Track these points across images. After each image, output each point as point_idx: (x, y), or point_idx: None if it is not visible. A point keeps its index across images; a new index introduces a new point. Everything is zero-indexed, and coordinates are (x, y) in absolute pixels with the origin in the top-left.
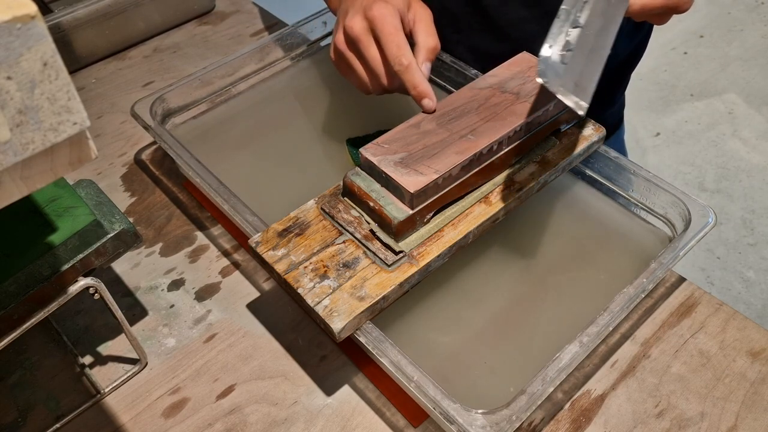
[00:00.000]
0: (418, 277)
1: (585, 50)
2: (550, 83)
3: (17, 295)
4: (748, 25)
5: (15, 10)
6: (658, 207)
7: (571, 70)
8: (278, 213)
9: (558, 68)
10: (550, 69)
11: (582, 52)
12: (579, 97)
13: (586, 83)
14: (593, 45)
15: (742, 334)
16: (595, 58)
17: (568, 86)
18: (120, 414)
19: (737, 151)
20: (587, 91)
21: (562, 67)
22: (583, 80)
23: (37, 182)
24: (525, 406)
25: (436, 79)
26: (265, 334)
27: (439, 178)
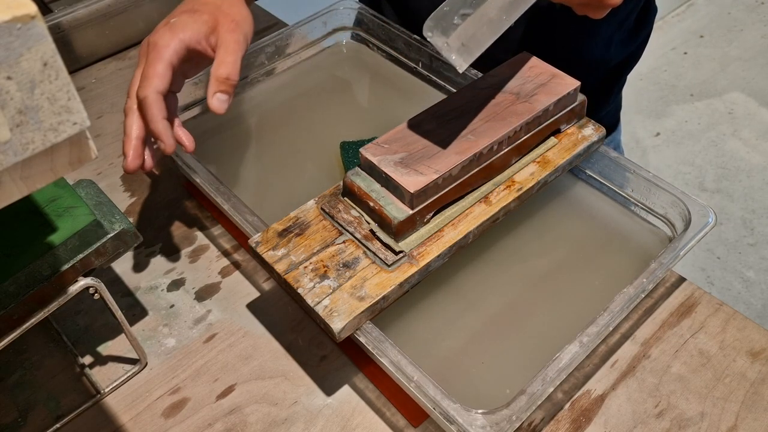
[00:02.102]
0: (418, 277)
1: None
2: (434, 38)
3: (17, 295)
4: (748, 25)
5: (15, 10)
6: (658, 207)
7: (462, 32)
8: (278, 213)
9: (447, 28)
10: (438, 26)
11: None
12: (462, 57)
13: (473, 46)
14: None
15: (742, 334)
16: (491, 28)
17: (453, 45)
18: (120, 414)
19: (737, 151)
20: (472, 53)
21: (453, 27)
22: (471, 43)
23: (37, 182)
24: (525, 406)
25: (437, 79)
26: (265, 334)
27: (439, 178)
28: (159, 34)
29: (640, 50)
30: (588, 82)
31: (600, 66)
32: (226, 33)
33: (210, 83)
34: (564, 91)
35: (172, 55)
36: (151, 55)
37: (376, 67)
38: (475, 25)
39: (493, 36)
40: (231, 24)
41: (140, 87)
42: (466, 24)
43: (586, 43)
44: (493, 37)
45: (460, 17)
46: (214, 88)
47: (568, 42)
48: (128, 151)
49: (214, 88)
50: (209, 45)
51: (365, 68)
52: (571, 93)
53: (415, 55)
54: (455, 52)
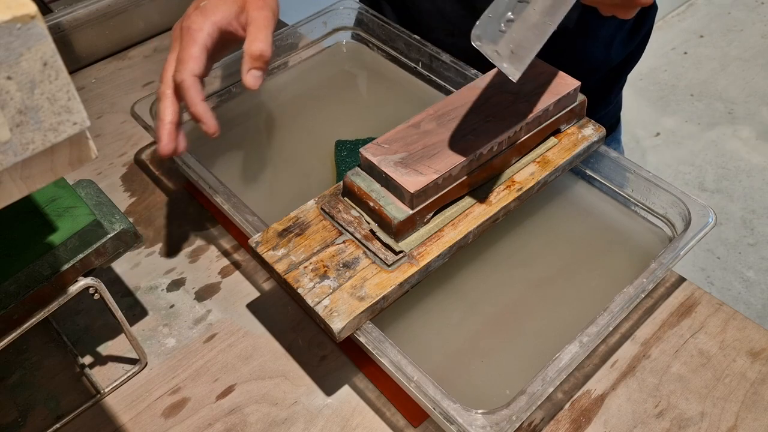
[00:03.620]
0: (418, 277)
1: (527, 24)
2: (483, 47)
3: (17, 295)
4: (748, 25)
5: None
6: (658, 207)
7: (509, 39)
8: (278, 213)
9: (494, 35)
10: (486, 34)
11: (524, 25)
12: (513, 65)
13: (523, 53)
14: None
15: (742, 334)
16: (537, 33)
17: (503, 52)
18: (120, 414)
19: (737, 151)
20: (523, 61)
21: (500, 35)
22: (520, 50)
23: (37, 182)
24: (525, 406)
25: (437, 79)
26: (265, 334)
27: (439, 178)
28: (191, 18)
29: (640, 49)
30: (588, 82)
31: (600, 66)
32: (255, 11)
33: (244, 61)
34: (564, 91)
35: (205, 38)
36: (185, 39)
37: (376, 67)
38: (520, 30)
39: (540, 41)
40: (259, 2)
41: (176, 71)
42: (512, 30)
43: (587, 44)
44: (541, 42)
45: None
46: (249, 65)
47: (568, 43)
48: (162, 136)
49: (249, 65)
50: (240, 25)
51: (365, 68)
52: (571, 93)
53: (415, 55)
54: (507, 60)
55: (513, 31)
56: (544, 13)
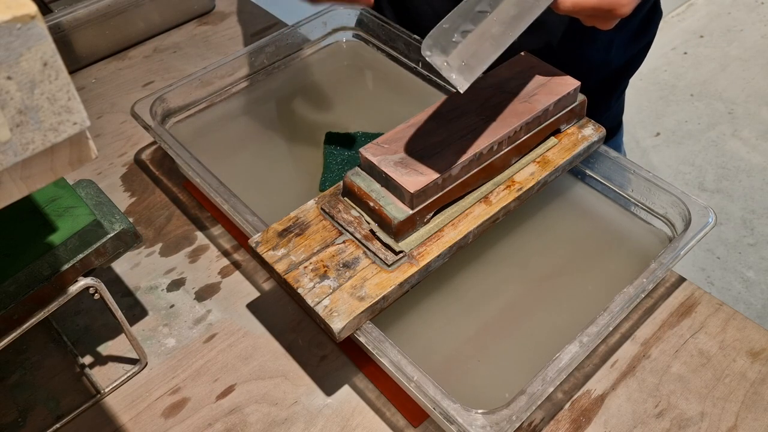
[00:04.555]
0: (418, 277)
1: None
2: (433, 57)
3: (17, 295)
4: (748, 25)
5: (15, 10)
6: (658, 207)
7: (462, 50)
8: (278, 213)
9: (447, 46)
10: (437, 45)
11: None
12: (463, 76)
13: (475, 63)
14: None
15: (742, 334)
16: (494, 44)
17: (453, 64)
18: (120, 414)
19: (737, 151)
20: (474, 71)
21: (453, 45)
22: (472, 61)
23: (37, 182)
24: (525, 406)
25: (437, 79)
26: (265, 334)
27: (439, 178)
28: None
29: (642, 54)
30: (588, 85)
31: (600, 69)
32: None
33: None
34: (564, 91)
35: None
36: None
37: (376, 67)
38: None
39: (495, 52)
40: None
41: None
42: (467, 41)
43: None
44: (496, 54)
45: (460, 34)
46: None
47: (566, 45)
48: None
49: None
50: None
51: (365, 68)
52: (571, 93)
53: (415, 55)
54: (455, 71)
55: (468, 42)
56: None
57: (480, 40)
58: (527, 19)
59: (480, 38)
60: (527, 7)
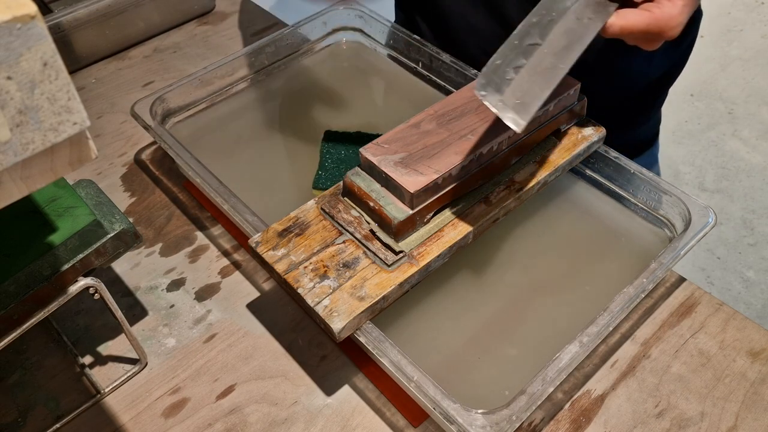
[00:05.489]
0: (418, 277)
1: (538, 69)
2: (488, 98)
3: (17, 295)
4: (748, 25)
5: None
6: (658, 207)
7: (516, 87)
8: (278, 213)
9: (500, 84)
10: (492, 83)
11: (534, 70)
12: (519, 115)
13: (530, 100)
14: (549, 64)
15: (742, 334)
16: (548, 77)
17: (508, 102)
18: (120, 414)
19: (737, 151)
20: (529, 109)
21: (506, 82)
22: (527, 97)
23: (37, 182)
24: (525, 406)
25: (436, 79)
26: (265, 334)
27: (439, 178)
28: None
29: (684, 59)
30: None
31: (639, 80)
32: None
33: None
34: (564, 91)
35: None
36: None
37: (376, 67)
38: (530, 77)
39: (549, 87)
40: None
41: None
42: (521, 77)
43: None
44: (550, 88)
45: (513, 70)
46: None
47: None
48: None
49: None
50: None
51: (365, 68)
52: (571, 93)
53: (415, 55)
54: (511, 110)
55: (521, 78)
56: (557, 56)
57: (533, 75)
58: (578, 48)
59: (533, 73)
60: (577, 37)
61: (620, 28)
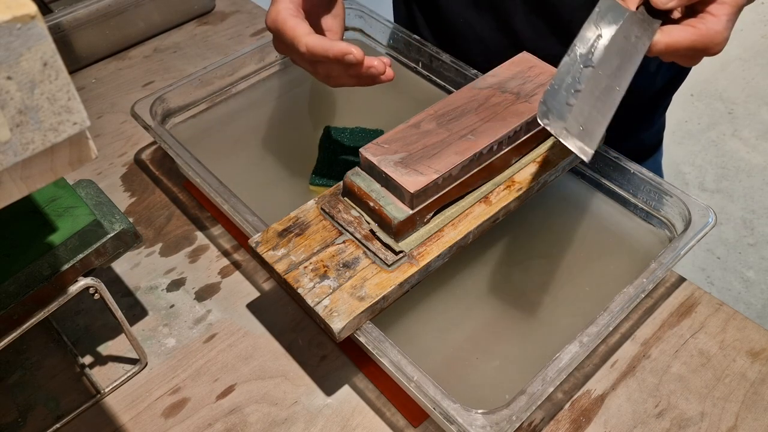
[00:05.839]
0: (418, 277)
1: (596, 91)
2: (552, 126)
3: (17, 295)
4: (748, 25)
5: (15, 10)
6: (658, 207)
7: (578, 113)
8: (278, 213)
9: (562, 110)
10: (554, 110)
11: (592, 94)
12: (584, 143)
13: (593, 127)
14: (606, 85)
15: (742, 334)
16: (607, 100)
17: (572, 130)
18: (120, 414)
19: (737, 151)
20: (594, 136)
21: (567, 108)
22: (590, 123)
23: (37, 182)
24: (525, 406)
25: (436, 79)
26: (265, 334)
27: (439, 178)
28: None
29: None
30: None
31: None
32: None
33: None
34: None
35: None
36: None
37: None
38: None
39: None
40: None
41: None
42: (581, 102)
43: None
44: (611, 113)
45: (572, 95)
46: None
47: None
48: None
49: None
50: None
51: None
52: None
53: (415, 55)
54: (577, 139)
55: (581, 103)
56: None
57: (592, 99)
58: (631, 69)
59: (591, 96)
60: (628, 56)
61: (665, 46)
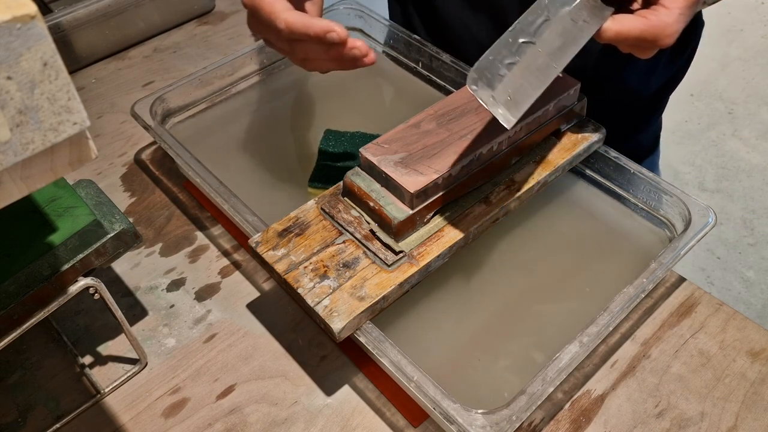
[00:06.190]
0: (418, 277)
1: (531, 67)
2: (479, 93)
3: (17, 295)
4: (748, 25)
5: (15, 10)
6: (658, 207)
7: (508, 84)
8: (278, 213)
9: (492, 79)
10: (483, 78)
11: (527, 68)
12: (509, 111)
13: (521, 98)
14: (542, 63)
15: (742, 334)
16: (540, 76)
17: (499, 98)
18: (120, 414)
19: (737, 151)
20: (520, 107)
21: (498, 78)
22: (518, 95)
23: (37, 182)
24: (525, 406)
25: (437, 79)
26: (265, 334)
27: (439, 178)
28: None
29: (685, 68)
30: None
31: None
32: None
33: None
34: (564, 91)
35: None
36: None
37: (376, 67)
38: (522, 74)
39: (541, 86)
40: None
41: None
42: (512, 74)
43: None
44: (541, 88)
45: (506, 67)
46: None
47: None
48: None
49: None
50: None
51: (365, 68)
52: (571, 93)
53: (415, 55)
54: (502, 106)
55: (513, 75)
56: (550, 55)
57: (525, 73)
58: (572, 49)
59: (525, 71)
60: (571, 38)
61: (615, 33)
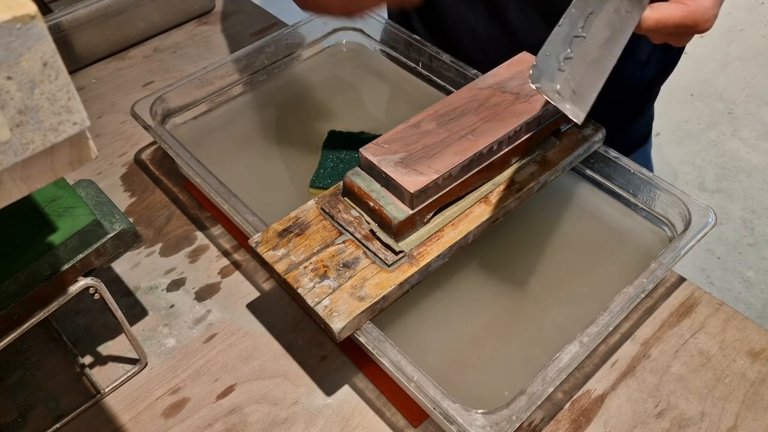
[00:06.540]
0: (418, 277)
1: (587, 60)
2: (544, 89)
3: (17, 295)
4: (748, 25)
5: (15, 10)
6: (658, 207)
7: (570, 78)
8: (278, 213)
9: (553, 74)
10: (545, 74)
11: (583, 61)
12: (576, 106)
13: (584, 92)
14: (596, 55)
15: (742, 334)
16: (598, 68)
17: (564, 93)
18: (120, 414)
19: (737, 151)
20: (585, 101)
21: (559, 74)
22: (582, 89)
23: (37, 182)
24: (525, 406)
25: (436, 79)
26: (265, 334)
27: (439, 178)
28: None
29: (675, 60)
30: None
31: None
32: None
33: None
34: None
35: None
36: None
37: (377, 67)
38: (580, 67)
39: (601, 77)
40: None
41: None
42: (572, 68)
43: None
44: (602, 79)
45: (563, 61)
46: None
47: None
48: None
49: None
50: None
51: (365, 68)
52: None
53: (415, 55)
54: (569, 102)
55: (573, 69)
56: (602, 47)
57: (583, 66)
58: (621, 40)
59: (582, 63)
60: (618, 27)
61: (655, 22)
